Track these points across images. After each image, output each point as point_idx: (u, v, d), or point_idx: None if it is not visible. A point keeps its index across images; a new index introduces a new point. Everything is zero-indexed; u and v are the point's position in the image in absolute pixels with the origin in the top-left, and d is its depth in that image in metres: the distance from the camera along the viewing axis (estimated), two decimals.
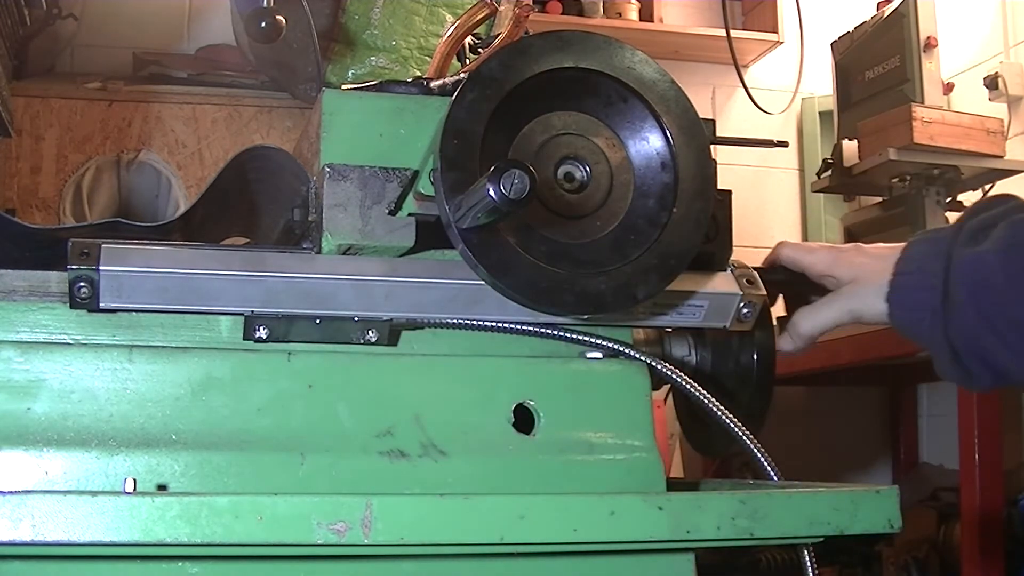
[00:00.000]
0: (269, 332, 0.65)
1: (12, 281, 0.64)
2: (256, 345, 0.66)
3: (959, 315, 0.76)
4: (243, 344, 0.66)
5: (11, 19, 1.80)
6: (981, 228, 0.77)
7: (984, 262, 0.75)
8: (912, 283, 0.79)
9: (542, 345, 0.71)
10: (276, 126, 2.56)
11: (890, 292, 0.79)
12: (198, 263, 0.63)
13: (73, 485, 0.62)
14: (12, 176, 2.46)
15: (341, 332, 0.66)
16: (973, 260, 0.76)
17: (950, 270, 0.76)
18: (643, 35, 3.50)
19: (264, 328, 0.65)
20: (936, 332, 0.77)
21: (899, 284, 0.79)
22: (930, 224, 2.68)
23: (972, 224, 0.78)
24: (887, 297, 0.79)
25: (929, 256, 0.79)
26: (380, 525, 0.52)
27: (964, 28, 3.43)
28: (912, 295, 0.79)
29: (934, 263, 0.78)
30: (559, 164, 0.65)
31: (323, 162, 0.66)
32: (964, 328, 0.76)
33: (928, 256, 0.79)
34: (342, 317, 0.66)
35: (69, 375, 0.64)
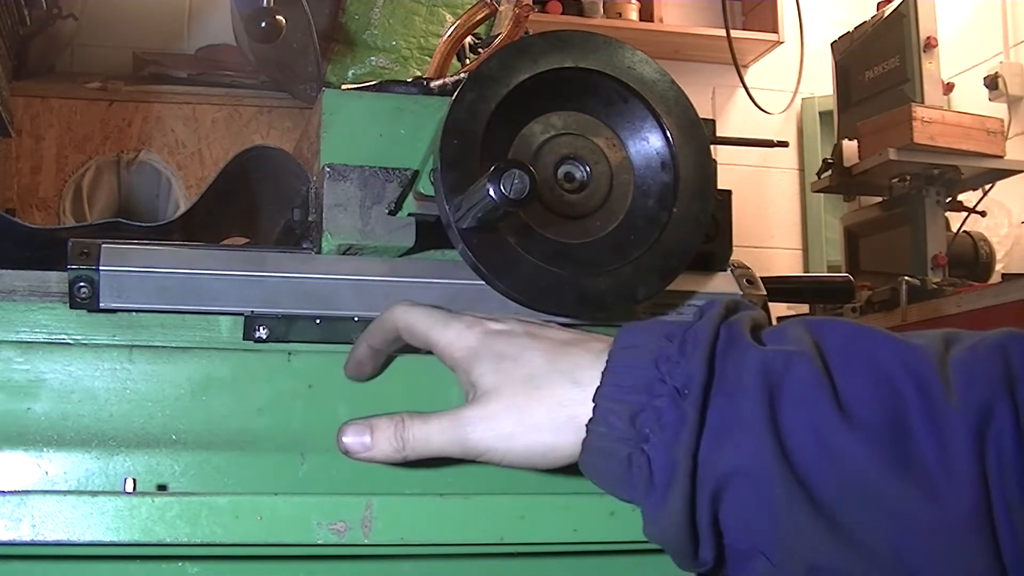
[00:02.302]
0: (269, 332, 0.65)
1: (12, 281, 0.63)
2: (256, 345, 0.66)
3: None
4: (243, 344, 0.66)
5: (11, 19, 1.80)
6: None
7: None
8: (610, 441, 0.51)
9: None
10: (276, 126, 2.56)
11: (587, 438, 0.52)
12: (198, 263, 0.63)
13: (73, 485, 0.62)
14: (12, 176, 2.46)
15: (341, 332, 0.66)
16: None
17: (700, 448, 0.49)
18: (643, 35, 3.51)
19: (264, 328, 0.65)
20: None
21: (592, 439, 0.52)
22: (930, 224, 2.68)
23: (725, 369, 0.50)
24: (584, 442, 0.52)
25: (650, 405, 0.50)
26: (380, 525, 0.52)
27: (964, 28, 3.43)
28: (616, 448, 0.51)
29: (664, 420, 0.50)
30: (559, 164, 0.65)
31: (323, 162, 0.66)
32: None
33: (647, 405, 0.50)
34: (342, 317, 0.66)
35: (69, 375, 0.64)
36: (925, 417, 0.48)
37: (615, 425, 0.51)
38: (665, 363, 0.51)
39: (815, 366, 0.49)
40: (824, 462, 0.48)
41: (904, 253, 2.74)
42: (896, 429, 0.48)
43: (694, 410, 0.49)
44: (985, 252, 2.78)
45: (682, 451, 0.49)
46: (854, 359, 0.51)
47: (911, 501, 0.47)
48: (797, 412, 0.49)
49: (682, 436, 0.49)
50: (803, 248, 3.84)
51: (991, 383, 0.48)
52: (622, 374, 0.52)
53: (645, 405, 0.50)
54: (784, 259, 3.78)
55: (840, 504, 0.48)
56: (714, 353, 0.51)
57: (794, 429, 0.48)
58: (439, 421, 0.55)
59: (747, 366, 0.50)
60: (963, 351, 0.51)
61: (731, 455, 0.48)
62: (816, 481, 0.48)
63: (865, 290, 2.59)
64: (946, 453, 0.47)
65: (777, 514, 0.48)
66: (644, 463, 0.50)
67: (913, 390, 0.48)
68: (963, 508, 0.46)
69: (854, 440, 0.47)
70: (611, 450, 0.51)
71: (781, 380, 0.49)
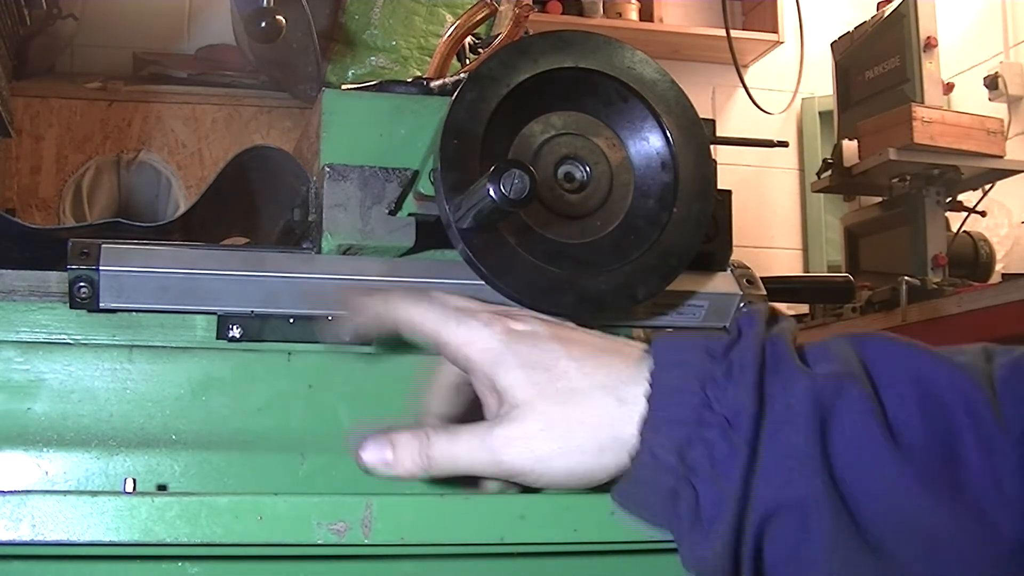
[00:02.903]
0: (243, 331, 0.65)
1: (12, 281, 0.64)
2: (256, 345, 0.66)
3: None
4: (243, 344, 0.66)
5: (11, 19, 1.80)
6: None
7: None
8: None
9: None
10: (276, 126, 2.56)
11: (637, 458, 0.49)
12: (198, 263, 0.63)
13: (73, 485, 0.62)
14: (12, 176, 2.46)
15: (315, 331, 0.66)
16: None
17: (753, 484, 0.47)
18: (643, 35, 3.51)
19: (237, 327, 0.65)
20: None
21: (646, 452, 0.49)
22: (930, 224, 2.68)
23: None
24: (627, 472, 0.50)
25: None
26: (380, 525, 0.52)
27: (964, 28, 3.43)
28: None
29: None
30: (559, 164, 0.65)
31: (323, 162, 0.66)
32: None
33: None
34: (316, 316, 0.66)
35: (69, 375, 0.64)
36: (976, 442, 0.46)
37: (662, 457, 0.48)
38: (712, 387, 0.48)
39: (865, 392, 0.48)
40: (875, 494, 0.46)
41: (904, 253, 2.74)
42: (947, 456, 0.46)
43: (745, 444, 0.47)
44: (985, 252, 2.78)
45: (732, 485, 0.47)
46: (902, 382, 0.49)
47: (962, 533, 0.45)
48: (849, 443, 0.47)
49: (733, 470, 0.47)
50: (803, 248, 3.84)
51: None
52: (669, 402, 0.49)
53: (694, 437, 0.48)
54: (784, 259, 3.79)
55: (890, 536, 0.46)
56: (762, 378, 0.48)
57: (845, 461, 0.47)
58: (469, 439, 0.51)
59: (796, 394, 0.48)
60: (1003, 368, 0.49)
61: (781, 488, 0.47)
62: (866, 513, 0.46)
63: (865, 290, 2.59)
64: (998, 481, 0.46)
65: (827, 547, 0.46)
66: (691, 496, 0.47)
67: (963, 415, 0.47)
68: (1016, 537, 0.45)
69: (906, 471, 0.46)
70: (656, 482, 0.48)
71: (832, 409, 0.47)
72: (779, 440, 0.47)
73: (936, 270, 2.64)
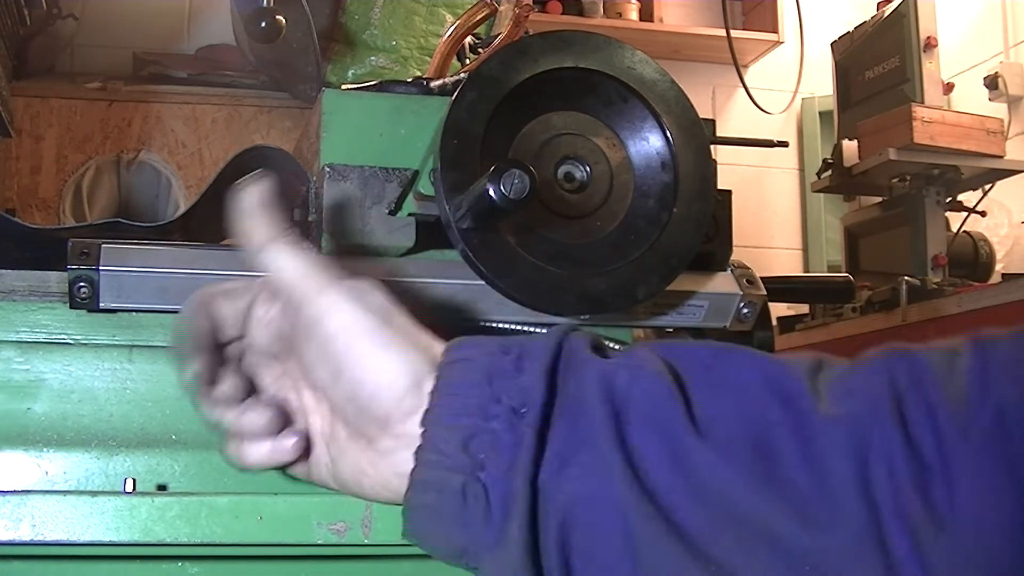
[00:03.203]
0: None
1: (12, 281, 0.64)
2: None
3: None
4: None
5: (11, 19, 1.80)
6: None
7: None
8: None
9: None
10: (276, 126, 2.56)
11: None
12: (198, 263, 0.63)
13: (73, 485, 0.62)
14: (12, 176, 2.46)
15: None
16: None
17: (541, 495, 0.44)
18: (643, 35, 3.51)
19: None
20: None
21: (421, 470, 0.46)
22: (930, 224, 2.68)
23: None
24: (412, 475, 0.46)
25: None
26: (380, 525, 0.52)
27: (964, 28, 3.43)
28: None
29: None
30: (559, 164, 0.65)
31: (323, 162, 0.66)
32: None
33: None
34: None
35: (69, 375, 0.64)
36: (792, 431, 0.43)
37: (447, 451, 0.45)
38: (500, 379, 0.46)
39: (665, 381, 0.45)
40: (683, 485, 0.43)
41: (904, 253, 2.74)
42: (760, 446, 0.43)
43: (532, 431, 0.44)
44: (985, 252, 2.78)
45: (519, 477, 0.44)
46: (710, 377, 0.46)
47: (785, 525, 0.42)
48: (647, 430, 0.44)
49: (520, 460, 0.44)
50: (803, 248, 3.84)
51: (872, 396, 0.43)
52: (451, 394, 0.46)
53: (479, 429, 0.45)
54: (784, 259, 3.79)
55: (706, 531, 0.43)
56: (555, 368, 0.46)
57: (646, 449, 0.43)
58: None
59: (587, 380, 0.45)
60: (839, 370, 0.46)
61: (577, 479, 0.44)
62: (676, 506, 0.43)
63: (865, 290, 2.59)
64: (819, 471, 0.42)
65: (633, 545, 0.43)
66: (480, 492, 0.44)
67: (777, 404, 0.44)
68: (849, 534, 0.41)
69: (713, 459, 0.43)
70: (444, 481, 0.45)
71: (627, 395, 0.45)
72: (570, 428, 0.45)
73: (936, 270, 2.64)
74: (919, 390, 0.43)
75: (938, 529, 0.41)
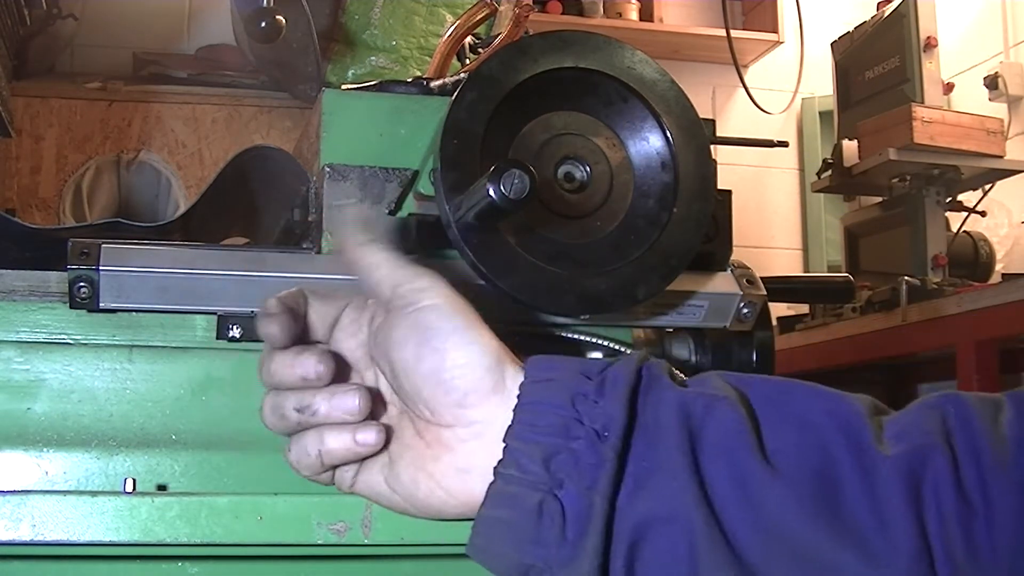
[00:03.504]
0: (243, 331, 0.65)
1: (12, 281, 0.64)
2: (256, 345, 0.66)
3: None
4: (243, 344, 0.66)
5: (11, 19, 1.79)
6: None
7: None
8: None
9: (542, 346, 0.71)
10: (276, 126, 2.56)
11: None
12: (198, 263, 0.63)
13: (73, 485, 0.62)
14: (12, 176, 2.46)
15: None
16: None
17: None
18: (643, 35, 3.51)
19: (237, 327, 0.65)
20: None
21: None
22: (930, 224, 2.68)
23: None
24: (489, 489, 0.48)
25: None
26: (380, 525, 0.52)
27: (964, 28, 3.43)
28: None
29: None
30: (559, 164, 0.65)
31: (323, 162, 0.66)
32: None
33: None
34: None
35: (69, 375, 0.64)
36: (855, 468, 0.46)
37: (528, 468, 0.46)
38: (583, 402, 0.47)
39: (738, 411, 0.47)
40: (747, 515, 0.45)
41: (904, 253, 2.74)
42: (824, 482, 0.45)
43: (613, 453, 0.46)
44: (985, 252, 2.78)
45: (599, 497, 0.45)
46: (779, 410, 0.48)
47: (843, 557, 0.44)
48: (718, 458, 0.46)
49: (600, 481, 0.45)
50: (803, 248, 3.84)
51: (925, 433, 0.46)
52: (535, 412, 0.47)
53: (561, 447, 0.46)
54: (784, 259, 3.78)
55: (764, 557, 0.45)
56: (635, 394, 0.48)
57: (716, 476, 0.46)
58: None
59: (667, 408, 0.47)
60: (897, 413, 0.49)
61: (651, 502, 0.45)
62: (739, 533, 0.45)
63: (865, 290, 2.59)
64: (879, 505, 0.45)
65: (698, 566, 0.45)
66: (557, 510, 0.46)
67: (842, 441, 0.46)
68: (902, 564, 0.44)
69: (779, 492, 0.45)
70: (521, 497, 0.46)
71: (702, 424, 0.47)
72: (648, 453, 0.46)
73: (936, 270, 2.64)
74: (966, 431, 0.46)
75: (976, 567, 0.44)
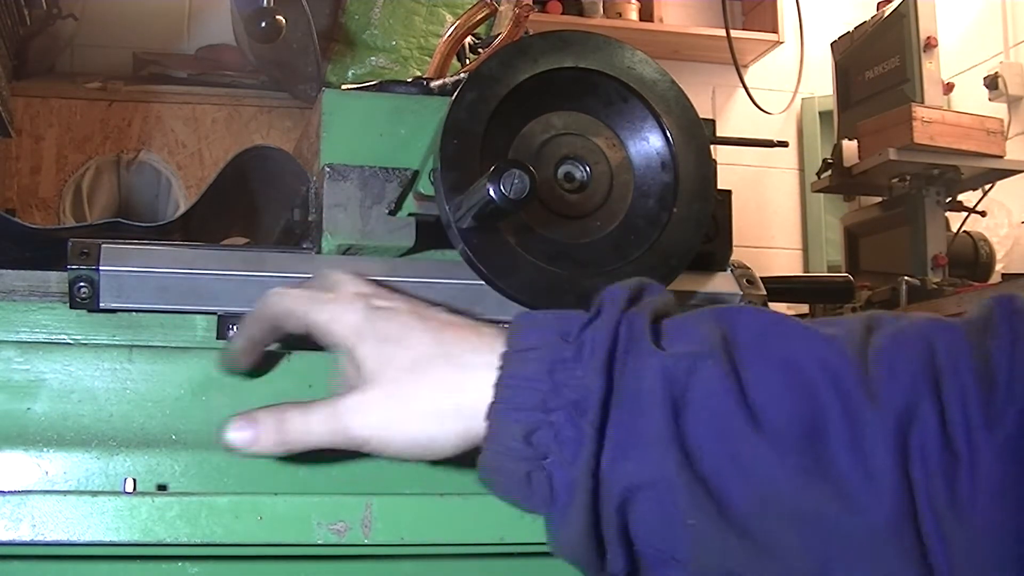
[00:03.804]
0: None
1: (12, 281, 0.64)
2: None
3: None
4: None
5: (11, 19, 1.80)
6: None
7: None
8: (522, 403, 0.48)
9: None
10: (276, 126, 2.56)
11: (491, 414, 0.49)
12: (198, 263, 0.63)
13: (73, 485, 0.62)
14: (12, 176, 2.46)
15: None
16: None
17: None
18: (643, 35, 3.51)
19: (237, 327, 0.65)
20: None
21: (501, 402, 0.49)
22: (930, 224, 2.68)
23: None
24: (479, 460, 0.50)
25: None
26: (380, 525, 0.52)
27: (964, 28, 3.43)
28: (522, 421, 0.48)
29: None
30: (559, 164, 0.65)
31: (323, 162, 0.66)
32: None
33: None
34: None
35: (69, 375, 0.64)
36: (841, 418, 0.45)
37: (511, 445, 0.48)
38: (561, 370, 0.48)
39: (722, 369, 0.47)
40: (734, 471, 0.45)
41: (904, 253, 2.74)
42: (810, 433, 0.45)
43: (592, 427, 0.47)
44: (985, 252, 2.78)
45: (582, 469, 0.47)
46: (766, 356, 0.48)
47: (828, 509, 0.44)
48: (703, 421, 0.46)
49: (581, 454, 0.47)
50: (803, 248, 3.84)
51: (914, 378, 0.46)
52: (516, 388, 0.49)
53: (541, 422, 0.48)
54: (784, 259, 3.78)
55: (753, 514, 0.45)
56: (612, 359, 0.48)
57: (701, 439, 0.46)
58: (320, 411, 0.52)
59: (647, 374, 0.47)
60: (885, 338, 0.48)
61: (634, 469, 0.46)
62: (726, 491, 0.46)
63: (865, 290, 2.59)
64: (865, 458, 0.44)
65: (687, 526, 0.46)
66: (544, 481, 0.48)
67: (829, 389, 0.46)
68: (883, 515, 0.44)
69: (765, 448, 0.45)
70: (509, 469, 0.49)
71: (685, 388, 0.47)
72: (629, 422, 0.47)
73: (936, 270, 2.64)
74: (955, 374, 0.45)
75: (958, 519, 0.43)
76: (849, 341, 0.48)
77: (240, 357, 0.60)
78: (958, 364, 0.46)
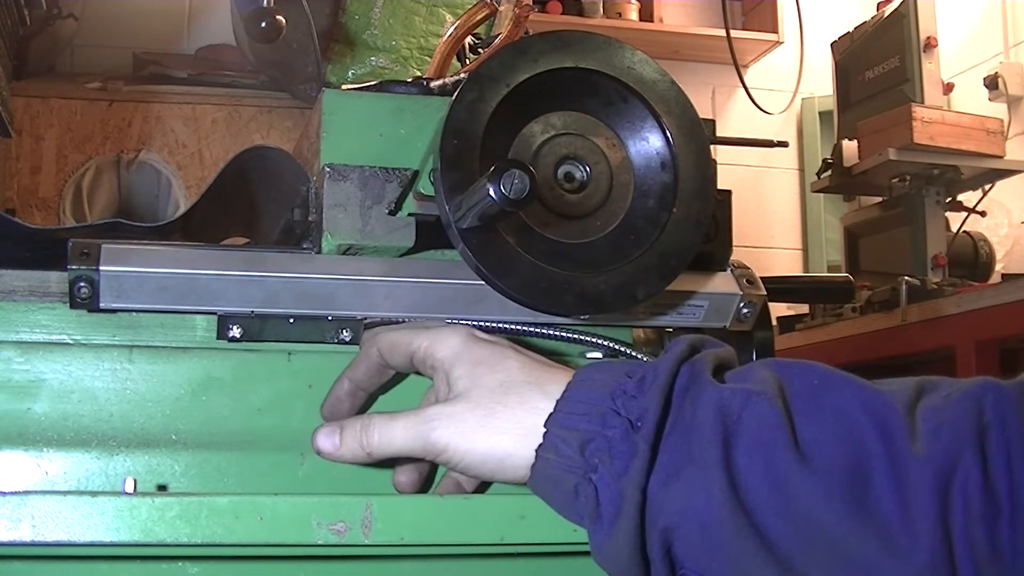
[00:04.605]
0: (243, 331, 0.65)
1: (12, 281, 0.64)
2: (256, 345, 0.66)
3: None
4: (243, 344, 0.66)
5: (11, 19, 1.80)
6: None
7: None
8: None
9: (542, 345, 0.71)
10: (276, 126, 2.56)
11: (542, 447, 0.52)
12: (198, 263, 0.63)
13: (73, 485, 0.62)
14: (12, 176, 2.46)
15: (314, 330, 0.66)
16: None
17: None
18: (643, 35, 3.51)
19: (237, 327, 0.65)
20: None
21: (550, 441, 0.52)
22: (930, 224, 2.68)
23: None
24: (532, 468, 0.52)
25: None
26: (380, 525, 0.52)
27: (964, 28, 3.43)
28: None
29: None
30: (559, 164, 0.65)
31: (323, 162, 0.66)
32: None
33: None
34: (316, 316, 0.66)
35: (69, 375, 0.64)
36: (887, 465, 0.47)
37: (564, 453, 0.50)
38: (621, 396, 0.51)
39: (775, 407, 0.49)
40: (778, 506, 0.47)
41: (904, 253, 2.74)
42: (855, 475, 0.47)
43: (645, 443, 0.48)
44: (985, 252, 2.78)
45: (630, 484, 0.48)
46: (817, 403, 0.50)
47: (868, 549, 0.46)
48: (752, 453, 0.48)
49: (631, 469, 0.48)
50: (803, 248, 3.84)
51: (960, 432, 0.47)
52: (576, 402, 0.52)
53: (596, 434, 0.50)
54: (784, 259, 3.79)
55: (794, 549, 0.47)
56: (672, 389, 0.50)
57: (748, 470, 0.47)
58: (404, 418, 0.55)
59: (704, 403, 0.49)
60: (936, 399, 0.50)
61: (682, 494, 0.48)
62: (770, 525, 0.47)
63: (865, 290, 2.59)
64: (906, 502, 0.46)
65: (729, 556, 0.47)
66: (591, 493, 0.49)
67: (876, 437, 0.48)
68: (922, 560, 0.45)
69: (811, 485, 0.47)
70: (558, 478, 0.51)
71: (738, 419, 0.49)
72: (681, 445, 0.49)
73: (936, 270, 2.64)
74: (1001, 429, 0.47)
75: (998, 567, 0.45)
76: (899, 397, 0.50)
77: (341, 401, 0.63)
78: (1005, 419, 0.47)
